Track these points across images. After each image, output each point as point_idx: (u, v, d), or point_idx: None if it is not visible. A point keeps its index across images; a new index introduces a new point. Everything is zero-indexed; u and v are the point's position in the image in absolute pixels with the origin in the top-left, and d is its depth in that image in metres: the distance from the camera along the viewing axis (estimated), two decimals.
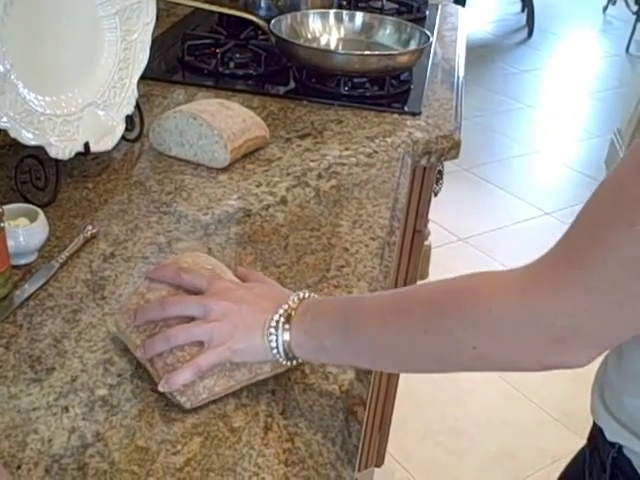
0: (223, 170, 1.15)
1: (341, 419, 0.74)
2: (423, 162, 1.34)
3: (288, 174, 1.17)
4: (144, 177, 1.12)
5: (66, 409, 0.71)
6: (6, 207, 0.85)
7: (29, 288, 0.86)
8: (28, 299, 0.85)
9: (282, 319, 0.73)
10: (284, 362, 0.74)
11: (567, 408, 2.27)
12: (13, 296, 0.84)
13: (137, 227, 1.00)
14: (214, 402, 0.73)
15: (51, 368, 0.76)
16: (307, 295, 0.76)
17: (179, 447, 0.69)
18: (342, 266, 0.96)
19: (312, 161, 1.21)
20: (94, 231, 0.97)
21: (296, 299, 0.75)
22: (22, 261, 0.89)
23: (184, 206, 1.06)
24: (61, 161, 1.03)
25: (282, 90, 1.49)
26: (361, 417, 0.76)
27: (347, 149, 1.26)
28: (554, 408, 2.29)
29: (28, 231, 0.89)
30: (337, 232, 1.03)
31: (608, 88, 4.79)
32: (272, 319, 0.73)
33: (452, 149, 1.37)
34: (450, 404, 2.26)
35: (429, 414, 2.22)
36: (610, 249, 0.57)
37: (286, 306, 0.74)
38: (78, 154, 1.05)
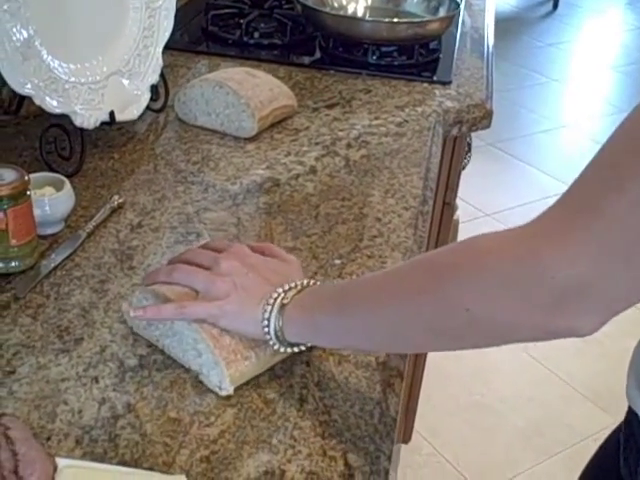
0: (250, 140, 1.13)
1: (378, 391, 0.71)
2: (454, 132, 1.31)
3: (317, 143, 1.14)
4: (170, 147, 1.10)
5: (96, 380, 0.70)
6: (32, 176, 0.83)
7: (56, 258, 0.84)
8: (55, 269, 0.83)
9: (282, 295, 0.69)
10: (271, 341, 0.69)
11: (594, 384, 2.24)
12: (40, 266, 0.83)
13: (164, 197, 0.98)
14: None
15: (79, 338, 0.74)
16: (320, 283, 0.72)
17: (212, 419, 0.67)
18: (375, 236, 0.93)
19: (341, 130, 1.18)
20: (121, 201, 0.95)
21: (306, 282, 0.71)
22: (48, 231, 0.87)
23: (211, 176, 1.03)
24: (86, 131, 1.01)
25: (308, 60, 1.45)
26: (398, 390, 0.73)
27: (377, 118, 1.23)
28: (581, 384, 2.25)
29: (54, 200, 0.87)
30: (369, 202, 1.00)
31: (634, 62, 4.69)
32: (274, 291, 0.69)
33: (484, 118, 1.33)
34: (476, 380, 2.23)
35: (455, 390, 2.20)
36: (625, 194, 0.50)
37: (293, 284, 0.70)
38: (103, 124, 1.03)
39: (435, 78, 1.39)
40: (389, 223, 0.96)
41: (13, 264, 0.81)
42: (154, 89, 1.12)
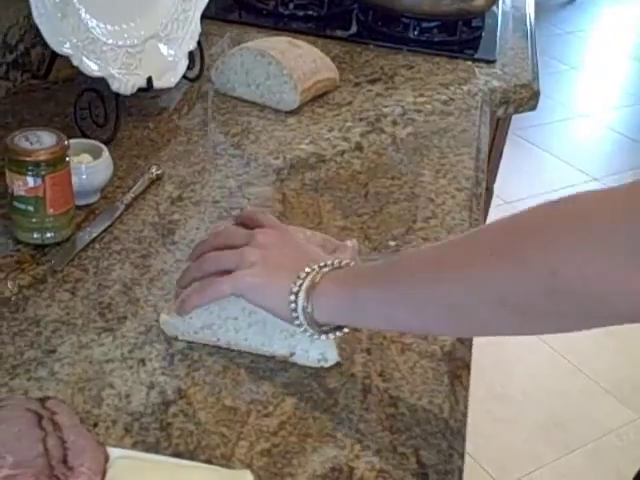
0: (291, 113, 1.07)
1: (446, 384, 0.66)
2: (500, 112, 1.25)
3: (361, 119, 1.08)
4: (207, 118, 1.04)
5: (142, 362, 0.64)
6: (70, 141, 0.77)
7: (93, 230, 0.78)
8: (93, 242, 0.77)
9: (316, 270, 0.61)
10: (297, 321, 0.61)
11: (616, 379, 2.19)
12: (76, 238, 0.77)
13: (204, 169, 0.92)
14: None
15: (123, 317, 0.69)
16: (344, 260, 0.64)
17: (270, 408, 0.61)
18: (429, 217, 0.88)
19: (385, 107, 1.12)
20: (159, 172, 0.89)
21: (346, 261, 0.63)
22: (84, 201, 0.82)
23: (253, 149, 0.98)
24: (121, 97, 0.95)
25: (344, 34, 1.39)
26: (466, 382, 0.68)
27: (421, 95, 1.17)
28: (603, 378, 2.20)
29: (92, 168, 0.81)
30: (420, 181, 0.95)
31: None
32: (307, 266, 0.61)
33: (530, 99, 1.27)
34: (496, 371, 2.18)
35: (475, 381, 2.14)
36: None
37: (330, 262, 0.62)
38: (139, 90, 0.97)
39: (480, 56, 1.33)
40: (443, 204, 0.91)
41: (49, 235, 0.75)
42: (191, 56, 1.06)
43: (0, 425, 0.53)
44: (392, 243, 0.83)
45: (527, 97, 1.26)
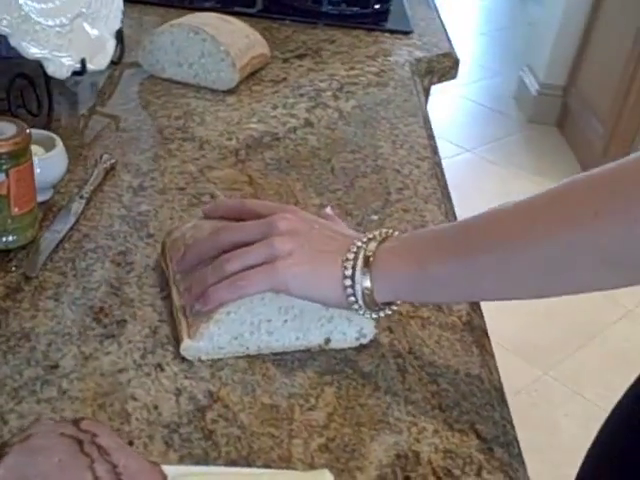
0: (229, 92, 1.01)
1: (477, 354, 0.64)
2: (425, 83, 1.24)
3: (301, 95, 1.04)
4: (143, 102, 0.96)
5: (160, 367, 0.58)
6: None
7: (58, 229, 0.70)
8: (61, 242, 0.69)
9: (364, 247, 0.57)
10: (355, 305, 0.57)
11: (521, 341, 2.27)
12: (41, 239, 0.68)
13: (158, 156, 0.85)
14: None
15: (122, 320, 0.61)
16: (392, 230, 0.60)
17: (312, 401, 0.57)
18: (401, 189, 0.85)
19: (321, 81, 1.08)
20: (112, 161, 0.81)
21: (384, 231, 0.59)
22: (39, 198, 0.73)
23: (201, 132, 0.91)
24: (51, 81, 0.86)
25: (251, 10, 1.34)
26: (491, 350, 0.66)
27: (352, 68, 1.14)
28: (508, 341, 2.28)
29: (45, 162, 0.72)
30: (380, 154, 0.92)
31: (501, 28, 4.82)
32: (352, 244, 0.57)
33: (452, 69, 1.27)
34: None
35: None
36: None
37: (371, 235, 0.58)
38: (73, 74, 0.88)
39: (395, 28, 1.31)
40: (410, 175, 0.88)
41: (11, 238, 0.66)
42: (119, 37, 0.98)
43: (37, 457, 0.45)
44: (374, 217, 0.79)
45: (449, 66, 1.26)
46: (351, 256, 0.56)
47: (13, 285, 0.63)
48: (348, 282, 0.56)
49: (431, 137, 0.99)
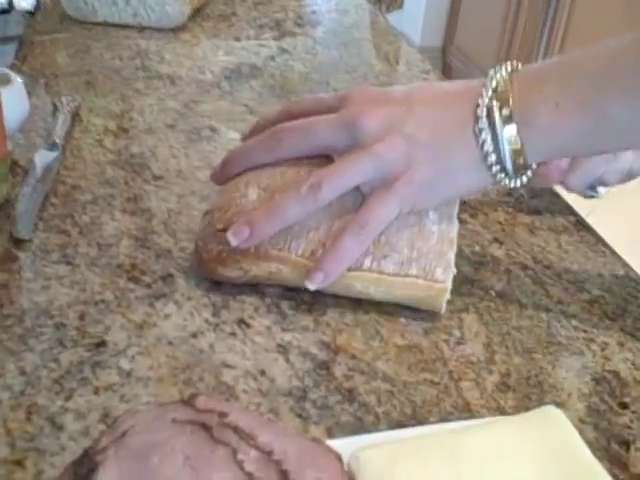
0: (178, 30, 0.84)
1: (609, 253, 0.51)
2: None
3: (260, 27, 0.89)
4: (83, 47, 0.78)
5: (243, 323, 0.42)
6: None
7: (34, 183, 0.52)
8: (46, 197, 0.52)
9: (495, 101, 0.42)
10: (506, 179, 0.42)
11: None
12: (19, 196, 0.51)
13: (125, 96, 0.68)
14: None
15: (167, 275, 0.45)
16: (512, 66, 0.44)
17: (456, 333, 0.43)
18: None
19: (275, 12, 0.94)
20: (76, 104, 0.64)
21: (503, 73, 0.43)
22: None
23: (166, 69, 0.75)
24: None
25: None
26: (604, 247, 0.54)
27: None
28: None
29: (9, 97, 0.54)
30: (380, 71, 0.79)
31: None
32: (478, 106, 0.42)
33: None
34: None
35: None
36: None
37: (494, 83, 0.42)
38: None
39: None
40: None
41: None
42: None
43: (150, 460, 0.29)
44: None
45: None
46: (484, 123, 0.41)
47: (2, 254, 0.45)
48: (492, 159, 0.42)
49: (421, 50, 0.86)
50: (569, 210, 0.56)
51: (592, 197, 0.53)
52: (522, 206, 0.56)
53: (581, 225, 0.54)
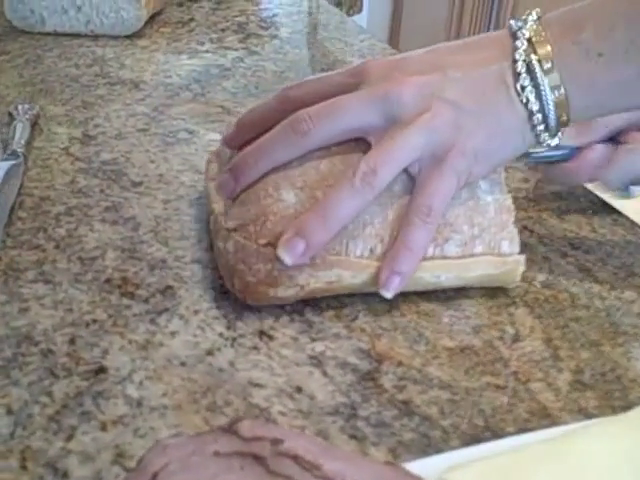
0: (134, 37, 0.78)
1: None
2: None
3: (222, 30, 0.83)
4: (34, 56, 0.72)
5: (265, 335, 0.36)
6: None
7: (1, 194, 0.45)
8: (12, 211, 0.45)
9: (534, 55, 0.37)
10: (548, 138, 0.38)
11: None
12: None
13: (87, 103, 0.61)
14: None
15: (166, 288, 0.39)
16: (536, 13, 0.39)
17: (509, 330, 0.37)
18: None
19: (235, 16, 0.88)
20: (34, 112, 0.57)
21: (533, 22, 0.38)
22: None
23: (128, 74, 0.68)
24: None
25: None
26: None
27: (259, 3, 0.95)
28: None
29: None
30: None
31: None
32: (516, 62, 0.37)
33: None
34: None
35: None
36: None
37: (527, 33, 0.38)
38: None
39: None
40: None
41: None
42: None
43: None
44: None
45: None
46: (525, 79, 0.37)
47: None
48: (538, 118, 0.37)
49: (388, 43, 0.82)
50: (589, 192, 0.52)
51: (625, 197, 0.49)
52: (543, 192, 0.51)
53: (610, 207, 0.49)
